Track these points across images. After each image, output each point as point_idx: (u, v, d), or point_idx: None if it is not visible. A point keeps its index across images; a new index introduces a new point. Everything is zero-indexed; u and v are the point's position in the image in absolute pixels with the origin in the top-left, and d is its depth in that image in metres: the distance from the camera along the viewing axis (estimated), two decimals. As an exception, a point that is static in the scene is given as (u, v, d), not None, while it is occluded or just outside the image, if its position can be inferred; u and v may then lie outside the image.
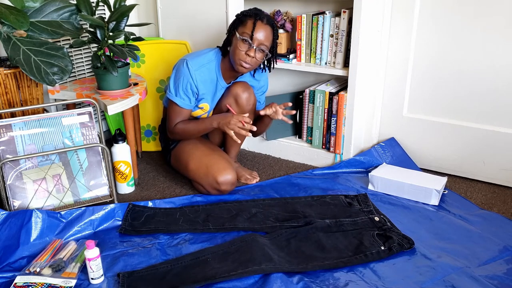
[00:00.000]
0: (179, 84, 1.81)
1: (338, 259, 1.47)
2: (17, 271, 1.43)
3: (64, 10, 1.76)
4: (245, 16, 1.77)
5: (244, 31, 1.74)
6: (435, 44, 2.00)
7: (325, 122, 2.17)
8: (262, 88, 2.01)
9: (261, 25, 1.74)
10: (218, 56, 1.86)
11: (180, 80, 1.80)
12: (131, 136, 1.99)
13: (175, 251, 1.55)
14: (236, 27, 1.78)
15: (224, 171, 1.84)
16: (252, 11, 1.78)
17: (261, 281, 1.38)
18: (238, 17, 1.80)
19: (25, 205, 1.70)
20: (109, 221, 1.71)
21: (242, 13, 1.80)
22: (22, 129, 1.70)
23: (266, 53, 1.78)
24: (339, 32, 2.05)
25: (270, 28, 1.77)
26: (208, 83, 1.85)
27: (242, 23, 1.76)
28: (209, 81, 1.85)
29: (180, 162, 1.96)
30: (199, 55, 1.84)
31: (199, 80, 1.81)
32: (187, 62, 1.80)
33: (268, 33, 1.76)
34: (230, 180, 1.84)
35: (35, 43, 1.65)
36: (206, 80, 1.84)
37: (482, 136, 2.00)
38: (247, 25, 1.74)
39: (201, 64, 1.82)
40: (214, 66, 1.85)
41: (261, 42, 1.74)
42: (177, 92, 1.82)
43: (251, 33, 1.72)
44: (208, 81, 1.85)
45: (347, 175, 2.09)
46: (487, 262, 1.46)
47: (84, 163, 1.81)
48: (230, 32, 1.81)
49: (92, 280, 1.39)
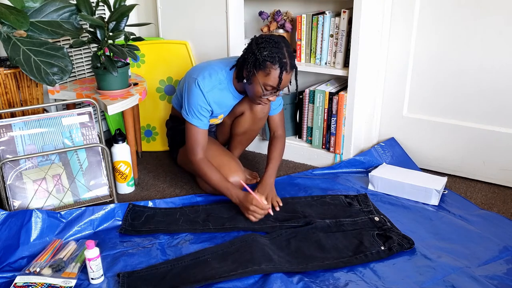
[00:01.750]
0: (195, 106, 1.74)
1: (338, 259, 1.47)
2: (17, 271, 1.43)
3: (64, 10, 1.76)
4: (268, 61, 1.61)
5: (267, 83, 1.64)
6: (435, 44, 2.00)
7: (325, 122, 2.17)
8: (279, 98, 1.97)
9: (286, 76, 1.64)
10: (229, 77, 1.78)
11: (195, 102, 1.74)
12: (131, 136, 1.99)
13: (175, 251, 1.55)
14: (256, 69, 1.64)
15: (235, 172, 1.84)
16: (275, 57, 1.60)
17: (261, 281, 1.38)
18: (259, 59, 1.61)
19: (25, 205, 1.70)
20: (109, 221, 1.71)
21: (262, 56, 1.61)
22: (22, 129, 1.70)
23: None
24: (339, 32, 2.05)
25: (293, 71, 1.69)
26: (222, 102, 1.81)
27: (265, 71, 1.62)
28: (223, 101, 1.81)
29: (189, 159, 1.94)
30: (210, 75, 1.75)
31: (212, 101, 1.76)
32: (198, 82, 1.73)
33: (290, 77, 1.68)
34: (239, 181, 1.85)
35: (35, 43, 1.65)
36: (219, 100, 1.79)
37: (482, 136, 2.00)
38: (271, 77, 1.62)
39: (212, 85, 1.75)
40: (225, 87, 1.79)
41: (283, 87, 1.69)
42: (193, 114, 1.75)
43: (276, 86, 1.65)
44: (221, 100, 1.80)
45: (347, 175, 2.09)
46: (487, 262, 1.46)
47: (84, 163, 1.81)
48: (248, 68, 1.66)
49: (92, 280, 1.39)
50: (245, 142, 2.02)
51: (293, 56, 1.68)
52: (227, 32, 2.24)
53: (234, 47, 2.26)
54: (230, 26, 2.22)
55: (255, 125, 1.92)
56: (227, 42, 2.25)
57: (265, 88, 1.66)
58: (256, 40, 1.67)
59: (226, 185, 1.76)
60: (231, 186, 1.76)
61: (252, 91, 1.71)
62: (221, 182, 1.76)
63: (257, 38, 1.68)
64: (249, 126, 1.93)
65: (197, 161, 1.78)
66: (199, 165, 1.78)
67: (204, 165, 1.78)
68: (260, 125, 1.95)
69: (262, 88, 1.66)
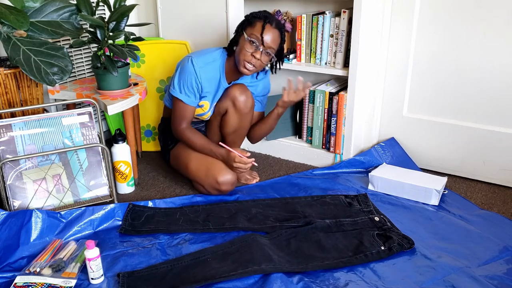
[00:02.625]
0: (184, 81, 1.81)
1: (338, 259, 1.47)
2: (17, 271, 1.43)
3: (64, 10, 1.76)
4: (255, 17, 1.77)
5: (252, 32, 1.75)
6: (435, 44, 2.00)
7: (325, 122, 2.17)
8: (263, 90, 2.00)
9: (270, 28, 1.74)
10: (223, 56, 1.87)
11: (185, 77, 1.81)
12: (131, 136, 1.99)
13: (175, 251, 1.55)
14: (244, 28, 1.78)
15: (224, 171, 1.84)
16: (262, 13, 1.78)
17: (261, 281, 1.38)
18: (247, 18, 1.80)
19: (25, 205, 1.70)
20: (109, 221, 1.71)
21: (251, 15, 1.80)
22: (22, 129, 1.70)
23: (272, 56, 1.78)
24: (339, 32, 2.05)
25: (278, 32, 1.77)
26: (211, 82, 1.86)
27: (251, 24, 1.76)
28: (212, 80, 1.86)
29: (179, 163, 1.96)
30: (205, 53, 1.85)
31: (203, 77, 1.82)
32: (192, 59, 1.81)
33: (276, 37, 1.76)
34: (230, 180, 1.85)
35: (35, 43, 1.65)
36: (210, 78, 1.85)
37: (482, 136, 2.00)
38: (255, 27, 1.74)
39: (206, 62, 1.83)
40: (218, 65, 1.86)
41: (268, 45, 1.75)
42: (182, 89, 1.82)
43: (259, 35, 1.73)
44: (212, 79, 1.86)
45: (347, 175, 2.09)
46: (487, 262, 1.46)
47: (84, 163, 1.81)
48: (238, 32, 1.81)
49: (92, 280, 1.39)
50: (238, 140, 2.00)
51: (280, 22, 1.79)
52: (227, 32, 2.24)
53: (234, 47, 2.26)
54: (230, 26, 2.22)
55: (242, 122, 1.91)
56: (227, 42, 2.25)
57: (250, 40, 1.74)
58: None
59: (210, 147, 1.87)
60: (214, 148, 1.87)
61: (238, 52, 1.79)
62: (205, 143, 1.88)
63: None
64: (237, 124, 1.92)
65: (181, 130, 1.88)
66: (182, 132, 1.88)
67: (188, 132, 1.88)
68: (247, 120, 1.93)
69: (247, 42, 1.74)
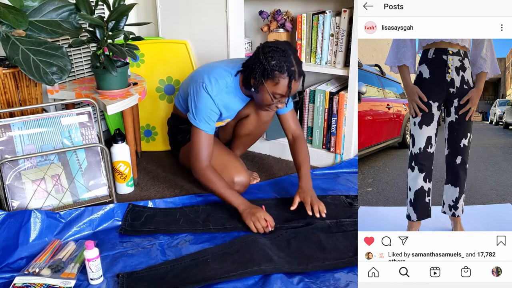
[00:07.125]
0: (203, 110, 1.71)
1: (338, 260, 1.46)
2: (16, 272, 1.42)
3: (63, 9, 1.75)
4: (277, 72, 1.59)
5: (276, 92, 1.62)
6: (435, 44, 1.99)
7: (326, 122, 2.17)
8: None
9: (295, 84, 1.62)
10: (235, 81, 1.76)
11: (202, 106, 1.71)
12: (130, 136, 1.98)
13: (175, 251, 1.55)
14: (264, 79, 1.62)
15: (241, 172, 1.85)
16: (283, 65, 1.58)
17: (261, 281, 1.38)
18: (266, 68, 1.59)
19: (24, 205, 1.70)
20: (109, 221, 1.70)
21: (271, 65, 1.59)
22: (21, 129, 1.70)
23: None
24: (340, 32, 2.04)
25: (301, 79, 1.67)
26: (229, 106, 1.79)
27: (273, 80, 1.60)
28: (230, 104, 1.78)
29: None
30: (216, 79, 1.72)
31: (220, 105, 1.74)
32: (206, 86, 1.70)
33: (299, 84, 1.66)
34: (245, 181, 1.85)
35: (34, 42, 1.64)
36: (226, 104, 1.77)
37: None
38: (279, 85, 1.61)
39: (219, 89, 1.72)
40: (232, 91, 1.76)
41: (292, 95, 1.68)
42: (202, 118, 1.71)
43: (285, 93, 1.64)
44: (229, 104, 1.78)
45: (348, 175, 2.09)
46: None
47: (83, 163, 1.80)
48: (256, 78, 1.63)
49: (92, 280, 1.38)
50: (248, 144, 2.02)
51: (300, 63, 1.65)
52: (227, 31, 2.23)
53: (234, 46, 2.25)
54: (230, 26, 2.21)
55: (259, 128, 1.92)
56: (227, 42, 2.25)
57: (274, 97, 1.65)
58: (262, 49, 1.63)
59: (232, 194, 1.70)
60: (236, 196, 1.70)
61: (260, 99, 1.69)
62: (226, 190, 1.70)
63: (263, 47, 1.64)
64: (253, 129, 1.92)
65: (203, 168, 1.72)
66: (204, 172, 1.72)
67: (209, 172, 1.72)
68: (264, 128, 1.94)
69: (271, 97, 1.65)
